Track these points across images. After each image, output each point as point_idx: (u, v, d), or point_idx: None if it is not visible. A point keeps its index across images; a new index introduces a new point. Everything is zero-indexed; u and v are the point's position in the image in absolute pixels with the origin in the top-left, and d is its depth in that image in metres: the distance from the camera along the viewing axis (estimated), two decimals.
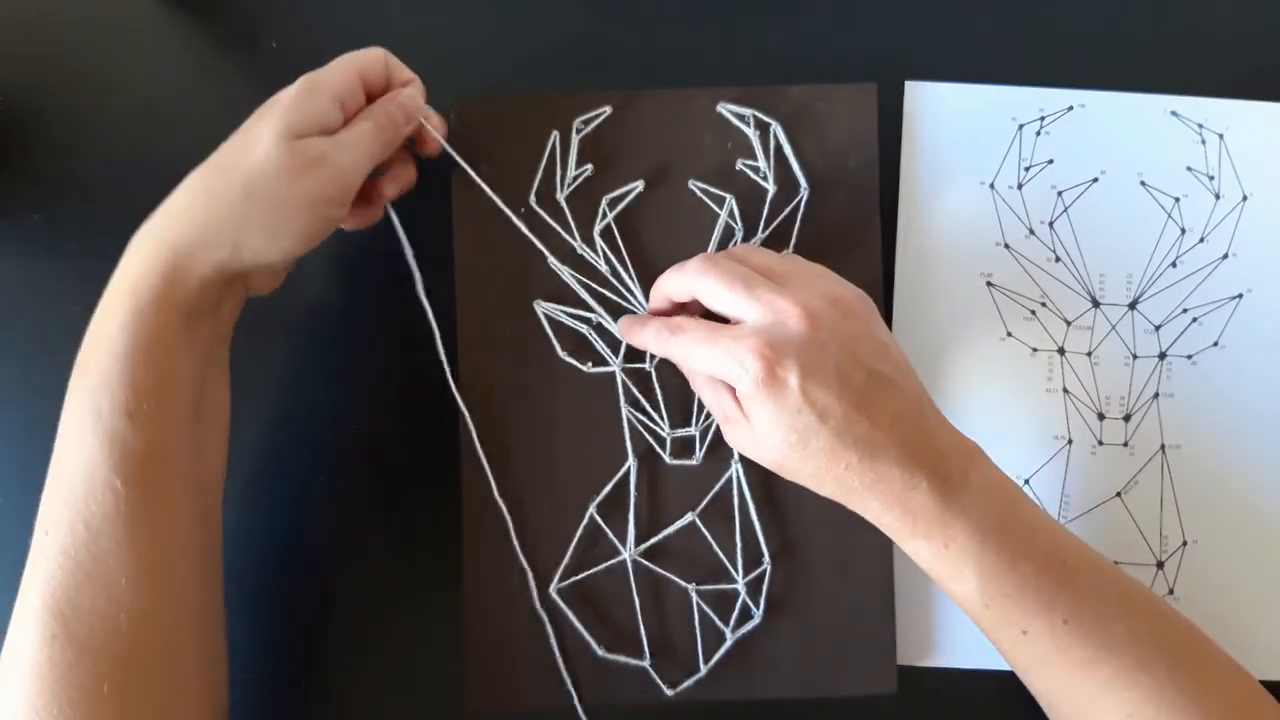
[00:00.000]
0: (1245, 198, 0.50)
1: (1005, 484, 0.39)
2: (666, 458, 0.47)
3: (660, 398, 0.47)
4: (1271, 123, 0.50)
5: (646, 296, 0.47)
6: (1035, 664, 0.39)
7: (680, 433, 0.47)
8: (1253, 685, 0.39)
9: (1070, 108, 0.50)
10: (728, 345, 0.38)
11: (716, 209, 0.48)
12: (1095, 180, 0.50)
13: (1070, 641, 0.37)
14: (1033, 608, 0.37)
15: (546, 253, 0.48)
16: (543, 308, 0.48)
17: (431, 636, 0.47)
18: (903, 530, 0.38)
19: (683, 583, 0.47)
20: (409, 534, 0.48)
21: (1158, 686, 0.36)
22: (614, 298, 0.48)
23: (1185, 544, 0.48)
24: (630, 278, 0.48)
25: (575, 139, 0.48)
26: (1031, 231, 0.50)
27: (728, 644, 0.46)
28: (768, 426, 0.38)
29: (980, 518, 0.37)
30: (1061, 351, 0.49)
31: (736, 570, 0.47)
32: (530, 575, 0.47)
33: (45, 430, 0.48)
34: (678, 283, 0.41)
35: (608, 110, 0.49)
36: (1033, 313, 0.49)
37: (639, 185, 0.48)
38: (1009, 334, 0.49)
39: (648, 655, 0.46)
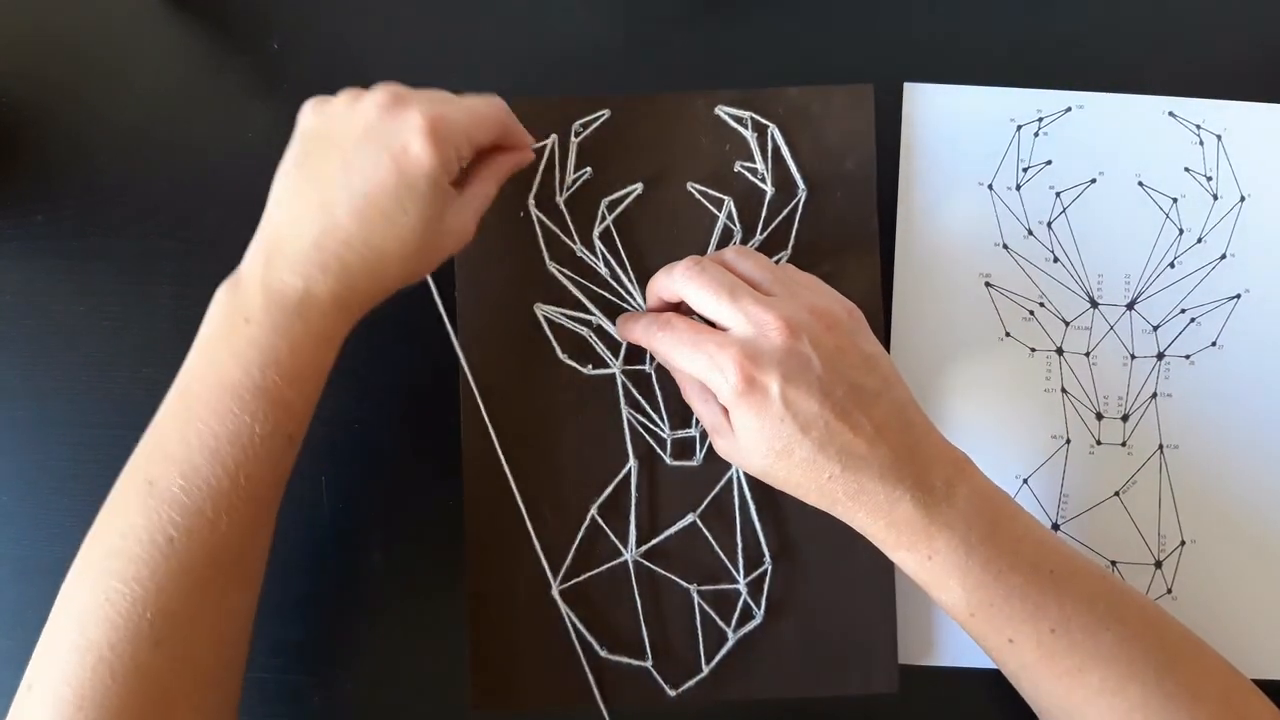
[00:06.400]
0: (1243, 198, 0.50)
1: (993, 494, 0.39)
2: (667, 459, 0.47)
3: (660, 399, 0.48)
4: (1269, 123, 0.50)
5: (645, 299, 0.47)
6: (1023, 670, 0.39)
7: (680, 434, 0.47)
8: (1247, 689, 0.39)
9: (1068, 109, 0.50)
10: (711, 351, 0.38)
11: (715, 211, 0.49)
12: (1093, 181, 0.50)
13: (1057, 650, 0.37)
14: (1019, 617, 0.37)
15: (546, 255, 0.48)
16: (543, 310, 0.48)
17: (436, 638, 0.47)
18: (888, 541, 0.39)
19: (684, 583, 0.47)
20: (411, 536, 0.48)
21: (1146, 694, 0.36)
22: (613, 300, 0.48)
23: (1183, 544, 0.48)
24: (629, 280, 0.48)
25: (574, 142, 0.48)
26: (1030, 232, 0.50)
27: (729, 644, 0.46)
28: (751, 436, 0.38)
29: (965, 530, 0.37)
30: (1060, 351, 0.49)
31: (737, 570, 0.47)
32: (532, 577, 0.47)
33: (47, 430, 0.49)
34: (667, 285, 0.42)
35: (606, 113, 0.49)
36: (1031, 313, 0.49)
37: (638, 188, 0.48)
38: (1007, 334, 0.49)
39: (650, 656, 0.46)
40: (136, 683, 0.35)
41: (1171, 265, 0.50)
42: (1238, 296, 0.49)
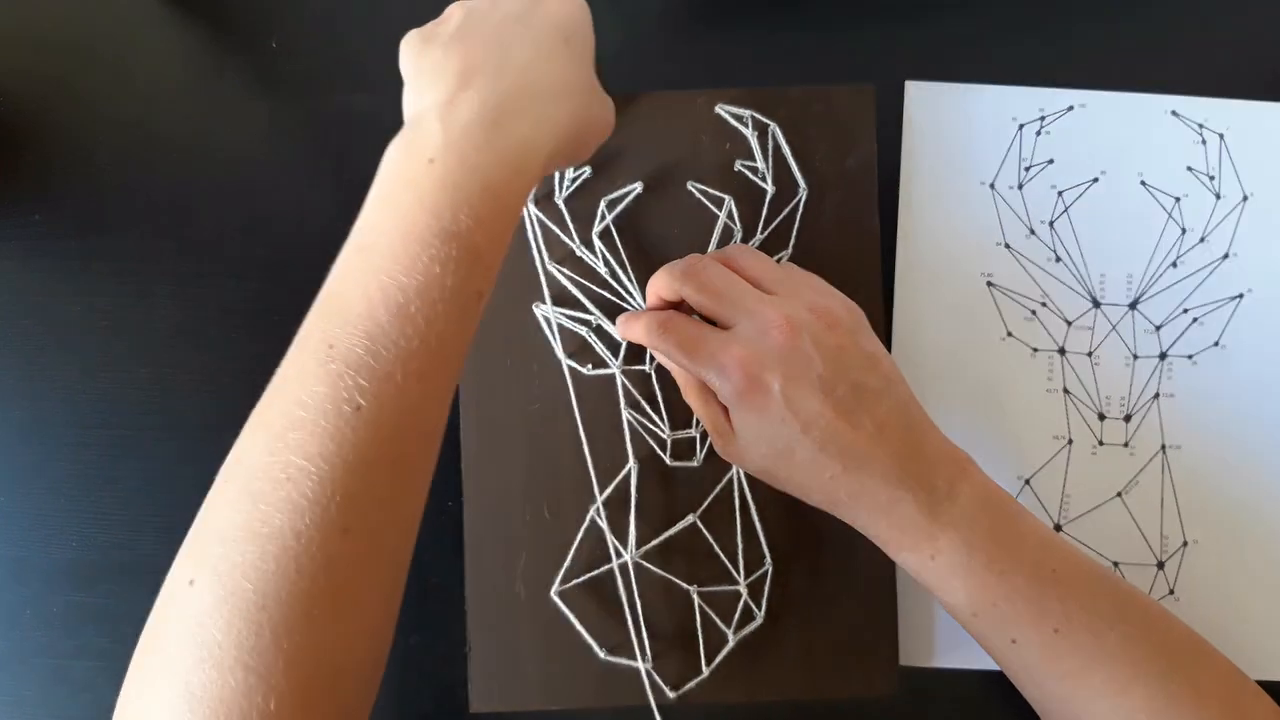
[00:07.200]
0: (1246, 198, 0.50)
1: (995, 494, 0.39)
2: (667, 460, 0.47)
3: (660, 400, 0.47)
4: (1272, 123, 0.50)
5: (645, 298, 0.47)
6: (1026, 671, 0.38)
7: (681, 434, 0.47)
8: (1250, 690, 0.38)
9: (1070, 108, 0.50)
10: (712, 350, 0.38)
11: (715, 210, 0.48)
12: (1095, 180, 0.50)
13: (1061, 650, 0.37)
14: (1022, 617, 0.37)
15: (546, 255, 0.48)
16: (542, 310, 0.48)
17: (436, 638, 0.47)
18: (890, 541, 0.38)
19: (684, 585, 0.47)
20: None
21: (1150, 695, 0.36)
22: (613, 300, 0.48)
23: (1186, 544, 0.48)
24: (629, 280, 0.48)
25: None
26: (1032, 231, 0.50)
27: (730, 646, 0.46)
28: (752, 436, 0.38)
29: (968, 530, 0.37)
30: (1062, 352, 0.49)
31: (738, 572, 0.47)
32: (532, 577, 0.47)
33: (45, 430, 0.49)
34: (667, 284, 0.42)
35: None
36: (1033, 313, 0.49)
37: (638, 187, 0.48)
38: (1009, 334, 0.49)
39: (650, 657, 0.46)
40: (325, 576, 0.30)
41: (1174, 265, 0.49)
42: (1240, 296, 0.49)
